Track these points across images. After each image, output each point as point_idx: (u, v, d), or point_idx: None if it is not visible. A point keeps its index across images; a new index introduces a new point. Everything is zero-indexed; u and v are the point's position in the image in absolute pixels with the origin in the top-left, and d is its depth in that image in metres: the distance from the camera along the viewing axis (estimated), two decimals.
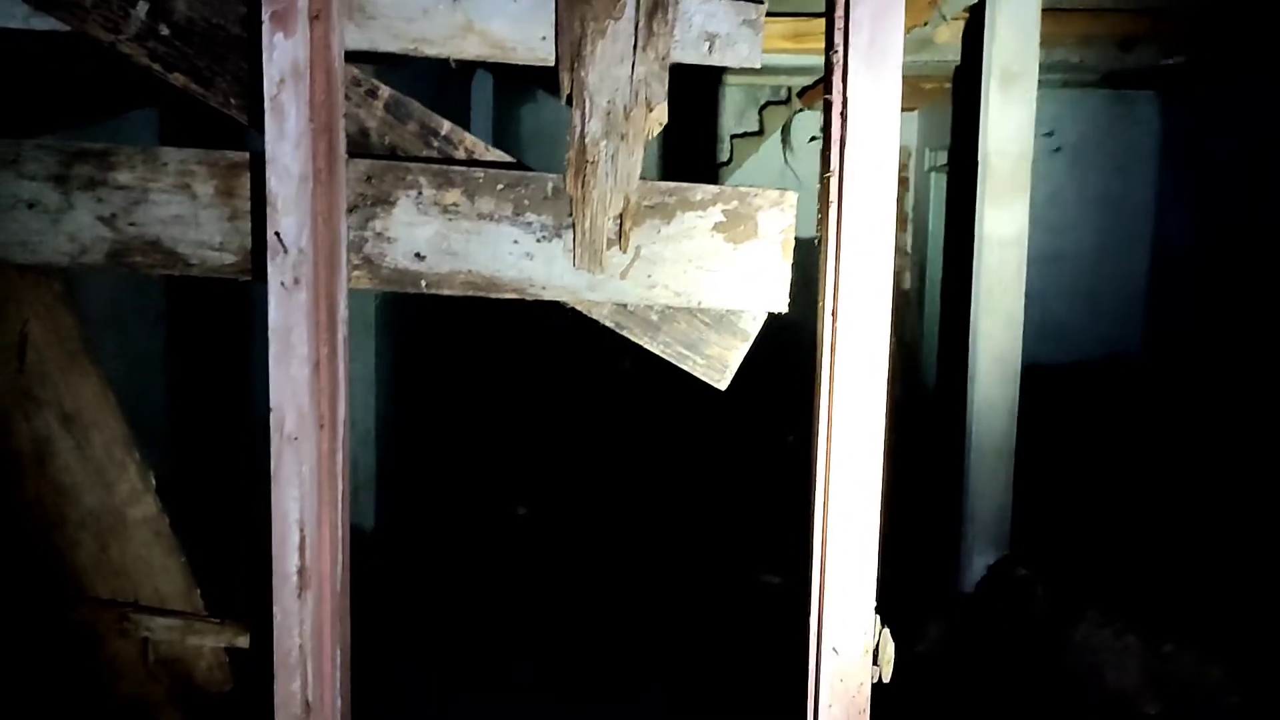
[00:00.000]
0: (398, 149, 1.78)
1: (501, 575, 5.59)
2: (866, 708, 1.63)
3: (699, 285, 1.77)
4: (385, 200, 1.73)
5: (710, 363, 1.85)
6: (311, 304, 1.63)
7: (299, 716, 1.68)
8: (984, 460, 5.11)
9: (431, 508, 6.52)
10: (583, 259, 1.74)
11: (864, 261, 1.56)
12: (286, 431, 1.64)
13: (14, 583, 2.01)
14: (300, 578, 1.66)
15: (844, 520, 1.59)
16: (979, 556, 5.15)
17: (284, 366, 1.63)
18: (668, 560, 5.87)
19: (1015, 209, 4.95)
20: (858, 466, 1.58)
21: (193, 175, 1.72)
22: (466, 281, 1.76)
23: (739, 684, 4.37)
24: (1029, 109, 4.90)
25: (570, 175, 1.72)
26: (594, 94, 1.68)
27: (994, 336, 5.03)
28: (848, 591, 1.61)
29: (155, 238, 1.74)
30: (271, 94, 1.58)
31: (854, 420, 1.58)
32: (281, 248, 1.61)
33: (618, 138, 1.70)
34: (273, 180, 1.60)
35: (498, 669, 4.46)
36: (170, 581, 2.00)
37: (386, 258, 1.74)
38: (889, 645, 1.63)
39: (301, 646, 1.67)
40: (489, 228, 1.74)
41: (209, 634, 1.97)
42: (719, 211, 1.74)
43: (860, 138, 1.54)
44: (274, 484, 1.65)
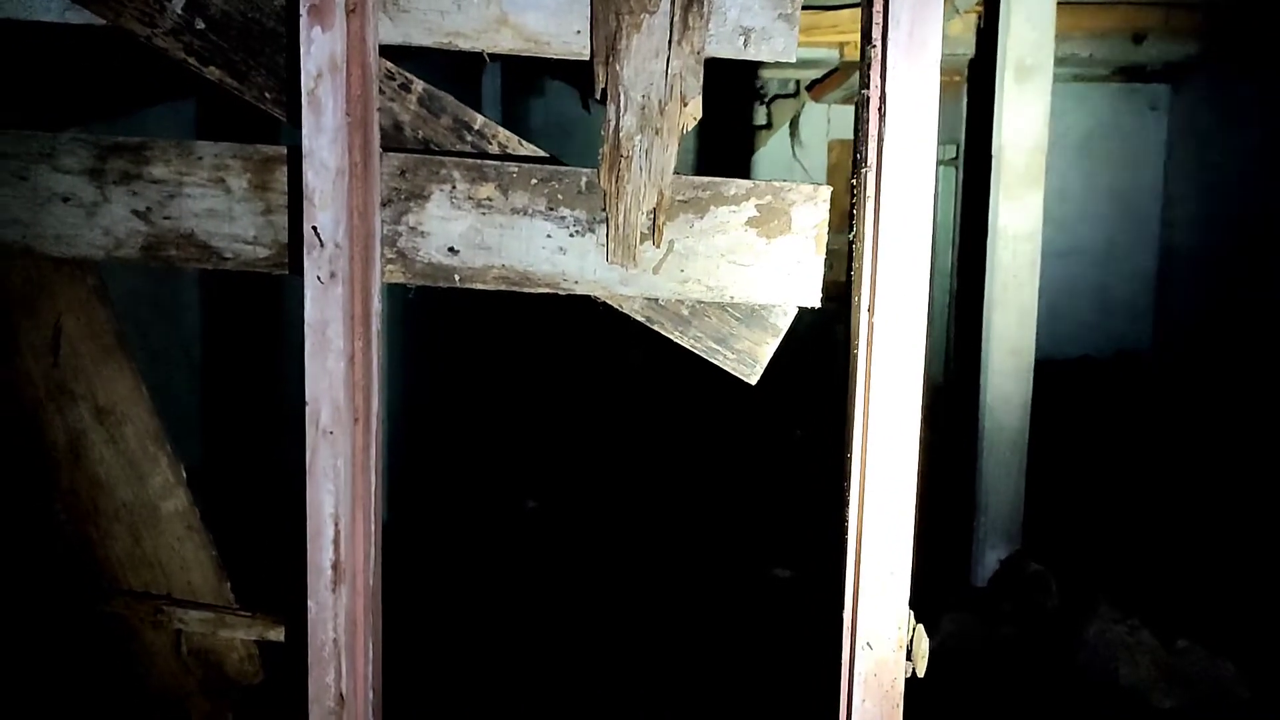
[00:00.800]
0: (431, 143, 1.78)
1: (511, 569, 5.60)
2: (900, 703, 1.63)
3: (731, 280, 1.77)
4: (419, 195, 1.73)
5: (740, 357, 1.85)
6: (347, 298, 1.63)
7: (333, 709, 1.68)
8: (997, 454, 5.12)
9: (442, 501, 6.53)
10: (616, 253, 1.74)
11: (902, 258, 1.55)
12: (322, 425, 1.65)
13: (51, 574, 2.01)
14: (335, 571, 1.67)
15: (879, 516, 1.60)
16: (991, 551, 5.15)
17: (320, 360, 1.63)
18: (678, 554, 5.87)
19: (1029, 203, 4.95)
20: (894, 464, 1.58)
21: (227, 169, 1.73)
22: (500, 276, 1.76)
23: (751, 678, 4.38)
24: (1044, 102, 4.90)
25: (604, 169, 1.72)
26: (629, 88, 1.68)
27: (1008, 330, 5.02)
28: (882, 587, 1.62)
29: (190, 231, 1.74)
30: (309, 88, 1.58)
31: (891, 418, 1.58)
32: (318, 242, 1.61)
33: (652, 132, 1.70)
34: (309, 174, 1.60)
35: (507, 665, 4.47)
36: (202, 574, 2.00)
37: (420, 252, 1.74)
38: (923, 640, 1.63)
39: (335, 640, 1.68)
40: (522, 222, 1.74)
41: (241, 627, 1.98)
42: (753, 206, 1.74)
43: (899, 133, 1.53)
44: (309, 478, 1.65)
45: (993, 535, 5.16)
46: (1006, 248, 5.00)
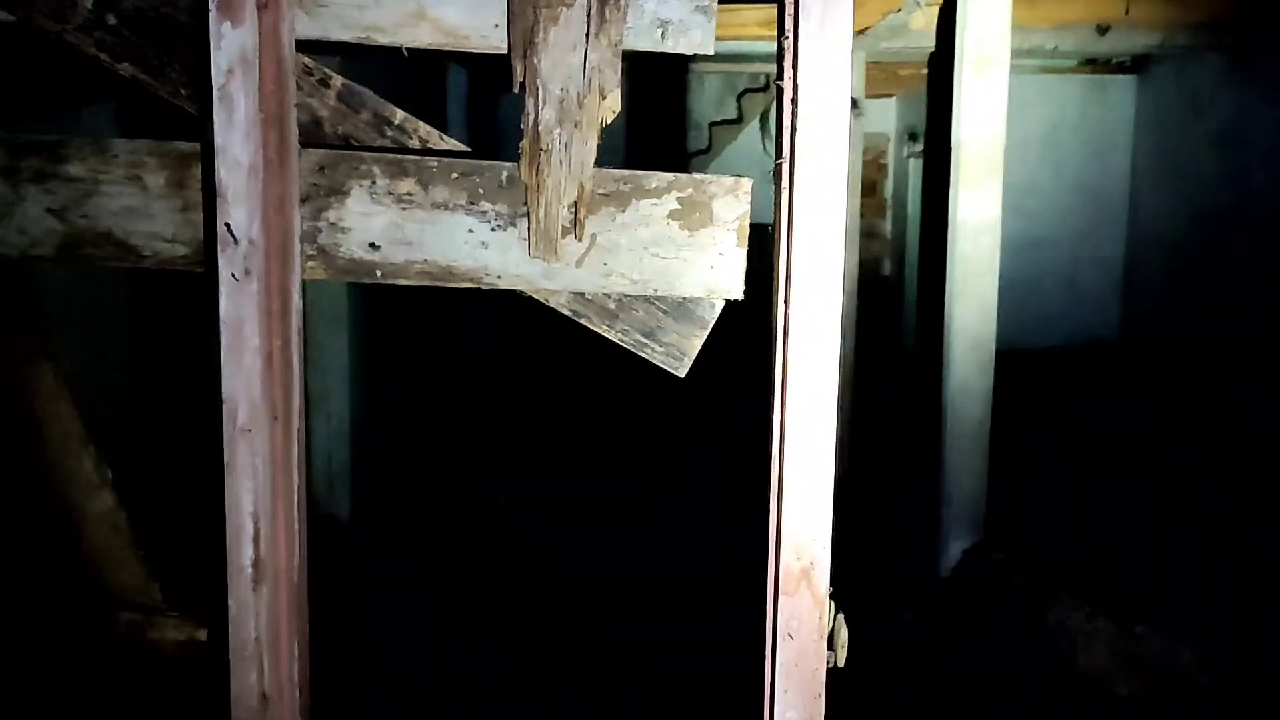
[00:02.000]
0: (351, 139, 1.77)
1: (480, 567, 5.59)
2: (822, 693, 1.64)
3: (655, 273, 1.76)
4: (339, 190, 1.72)
5: (669, 350, 1.85)
6: (263, 295, 1.62)
7: (256, 709, 1.68)
8: (960, 445, 5.14)
9: (409, 498, 6.51)
10: (538, 247, 1.74)
11: (815, 249, 1.56)
12: (239, 424, 1.64)
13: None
14: (255, 570, 1.66)
15: (797, 507, 1.60)
16: (955, 541, 5.18)
17: (235, 358, 1.62)
18: (650, 549, 5.88)
19: (989, 194, 4.97)
20: (811, 457, 1.59)
21: (144, 166, 1.71)
22: (422, 271, 1.75)
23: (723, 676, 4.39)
24: (1001, 94, 4.91)
25: (524, 163, 1.71)
26: (547, 81, 1.68)
27: (969, 321, 5.05)
28: (801, 578, 1.62)
29: (107, 230, 1.72)
30: (219, 84, 1.57)
31: (806, 412, 1.58)
32: (232, 239, 1.60)
33: (571, 125, 1.70)
34: (222, 171, 1.59)
35: (475, 666, 4.46)
36: (130, 575, 1.99)
37: (341, 248, 1.74)
38: (843, 631, 1.64)
39: (258, 639, 1.67)
40: (444, 217, 1.73)
41: (169, 628, 1.97)
42: (674, 199, 1.74)
43: (812, 125, 1.54)
44: (227, 476, 1.64)
45: (956, 526, 5.18)
46: (967, 239, 5.02)
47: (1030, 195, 8.85)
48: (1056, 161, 8.98)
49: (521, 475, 7.13)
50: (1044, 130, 8.93)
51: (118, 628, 1.95)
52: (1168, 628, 4.28)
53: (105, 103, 3.56)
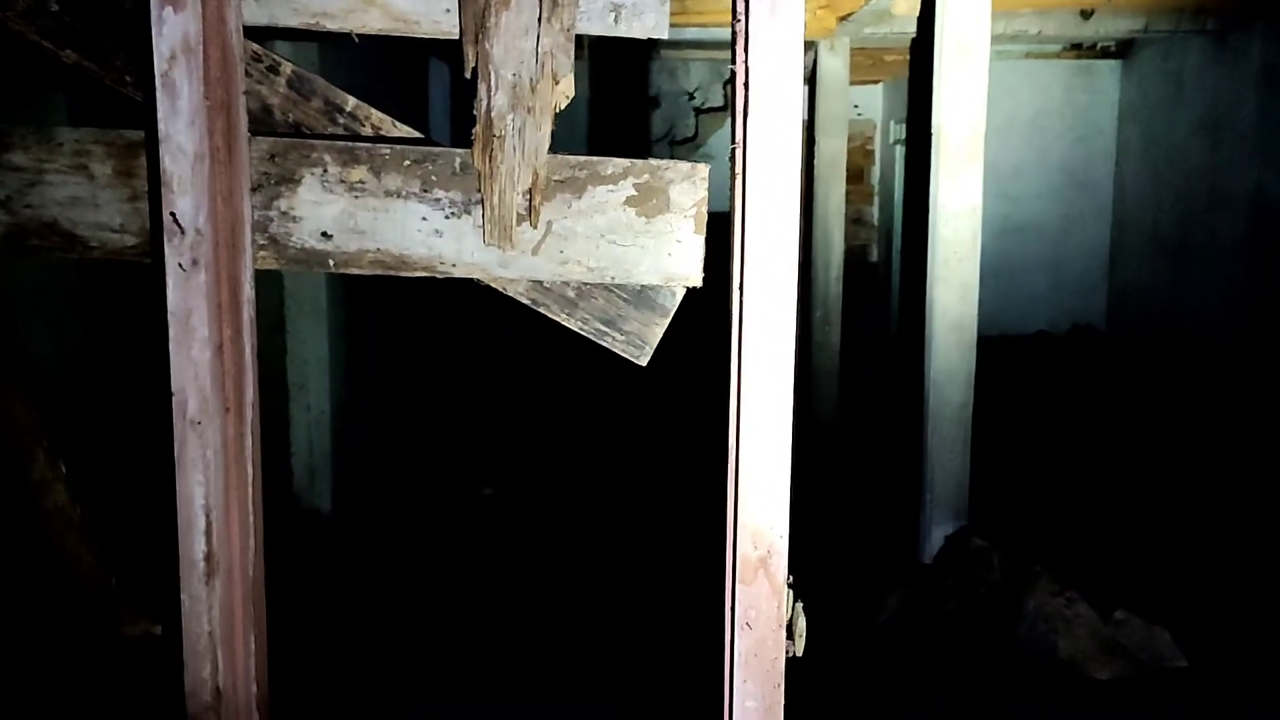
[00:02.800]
0: (302, 126, 1.74)
1: (466, 557, 5.57)
2: (781, 682, 1.62)
3: (613, 260, 1.75)
4: (290, 179, 1.69)
5: (629, 339, 1.83)
6: (212, 285, 1.60)
7: (209, 704, 1.66)
8: (941, 431, 5.13)
9: (393, 489, 6.49)
10: (492, 235, 1.71)
11: (769, 235, 1.54)
12: (189, 416, 1.61)
13: None
14: (208, 564, 1.64)
15: (754, 495, 1.58)
16: (937, 527, 5.17)
17: (184, 350, 1.60)
18: (635, 538, 5.87)
19: (969, 180, 4.94)
20: (767, 445, 1.57)
21: (89, 155, 1.69)
22: (375, 260, 1.73)
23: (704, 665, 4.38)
24: (982, 80, 4.89)
25: (478, 150, 1.69)
26: (499, 67, 1.66)
27: (950, 306, 5.03)
28: (759, 567, 1.61)
29: (53, 220, 1.70)
30: (162, 70, 1.55)
31: (762, 398, 1.56)
32: (178, 229, 1.58)
33: (524, 111, 1.67)
34: (166, 160, 1.57)
35: (459, 658, 4.45)
36: (85, 570, 1.97)
37: (293, 237, 1.71)
38: (801, 619, 1.62)
39: (211, 633, 1.65)
40: (396, 205, 1.71)
41: (125, 622, 1.95)
42: (630, 185, 1.72)
43: (762, 109, 1.51)
44: (178, 470, 1.62)
45: (939, 512, 5.17)
46: (947, 224, 5.00)
47: (1015, 180, 8.84)
48: (1041, 147, 8.97)
49: (506, 464, 7.12)
50: (1028, 115, 8.92)
51: (72, 623, 1.93)
52: (1147, 611, 4.28)
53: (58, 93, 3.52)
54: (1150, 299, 8.07)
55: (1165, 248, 7.86)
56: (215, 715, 1.67)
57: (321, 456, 5.54)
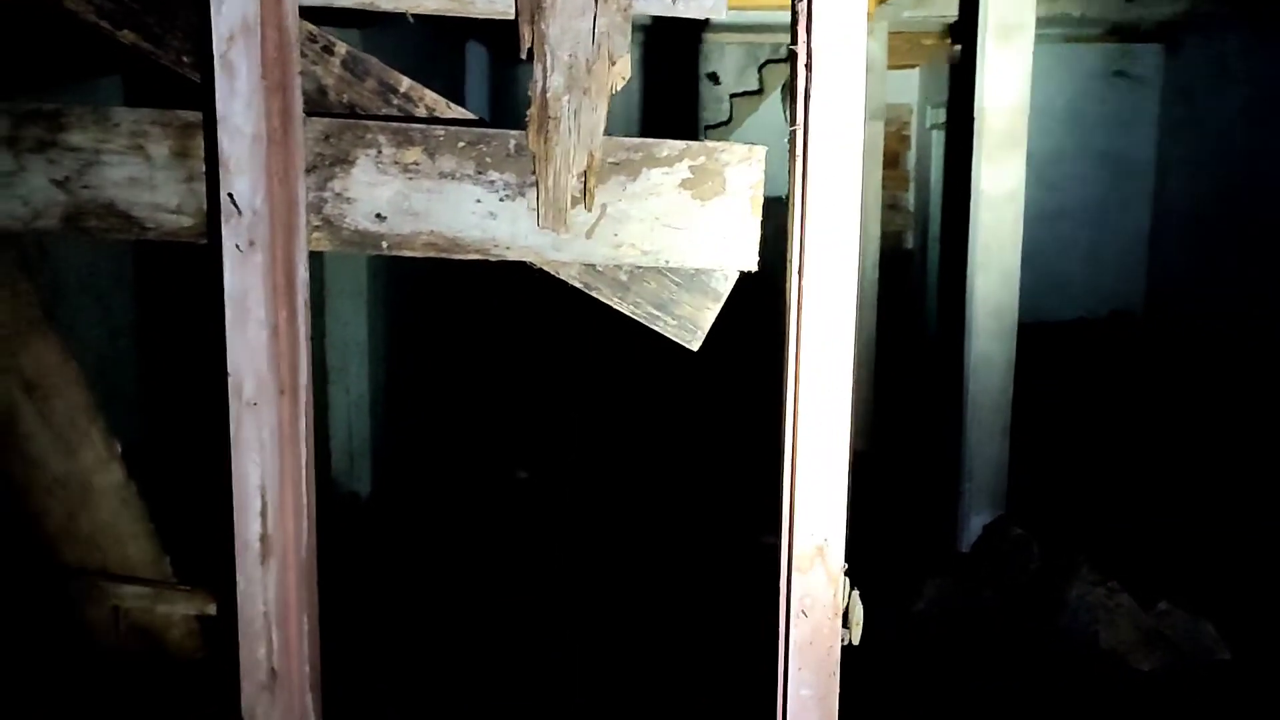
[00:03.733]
0: (356, 107, 1.74)
1: (501, 540, 5.59)
2: (836, 670, 1.61)
3: (667, 244, 1.73)
4: (344, 160, 1.69)
5: (681, 323, 1.81)
6: (268, 267, 1.60)
7: (264, 683, 1.67)
8: (981, 418, 5.09)
9: (430, 472, 6.52)
10: (546, 218, 1.70)
11: (830, 219, 1.52)
12: (245, 397, 1.62)
13: None
14: (263, 545, 1.64)
15: (811, 483, 1.57)
16: (976, 516, 5.14)
17: (240, 331, 1.60)
18: (670, 523, 5.86)
19: (1011, 165, 4.89)
20: (825, 432, 1.55)
21: (146, 136, 1.69)
22: (428, 243, 1.72)
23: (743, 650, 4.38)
24: (1025, 63, 4.82)
25: (532, 132, 1.68)
26: (555, 47, 1.64)
27: (990, 293, 4.99)
28: (816, 555, 1.59)
29: (110, 201, 1.70)
30: (221, 51, 1.54)
31: (821, 385, 1.55)
32: (235, 210, 1.58)
33: (580, 92, 1.66)
34: (224, 140, 1.56)
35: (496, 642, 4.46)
36: (139, 549, 1.98)
37: (346, 219, 1.71)
38: (858, 608, 1.61)
39: (266, 613, 1.66)
40: (450, 187, 1.70)
41: (178, 602, 1.96)
42: (685, 167, 1.70)
43: (826, 90, 1.49)
44: (233, 451, 1.62)
45: (977, 500, 5.14)
46: (989, 210, 4.95)
47: (1053, 166, 8.73)
48: (1081, 132, 8.85)
49: (542, 447, 7.13)
50: (1068, 100, 8.80)
51: (125, 601, 1.94)
52: (1191, 602, 4.24)
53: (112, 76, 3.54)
54: (1191, 285, 7.96)
55: (1207, 234, 7.74)
56: (270, 695, 1.67)
57: (360, 440, 5.57)
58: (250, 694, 1.68)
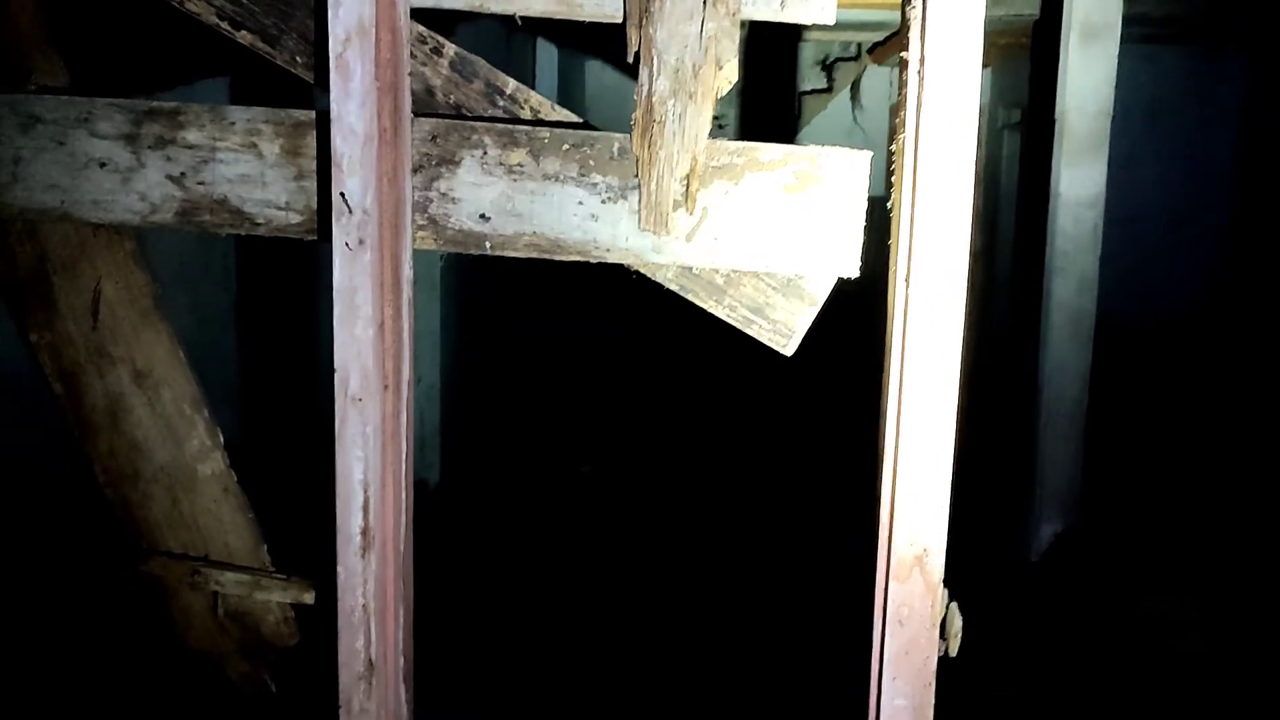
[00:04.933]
0: (463, 108, 1.76)
1: (564, 534, 5.62)
2: (932, 681, 1.60)
3: (766, 248, 1.73)
4: (450, 160, 1.71)
5: (776, 328, 1.81)
6: (376, 265, 1.62)
7: (362, 674, 1.70)
8: (1054, 426, 5.02)
9: (496, 464, 6.57)
10: (648, 221, 1.71)
11: (941, 227, 1.51)
12: (351, 392, 1.64)
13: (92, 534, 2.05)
14: (364, 538, 1.67)
15: (913, 492, 1.56)
16: (1047, 524, 5.06)
17: (348, 327, 1.63)
18: (731, 522, 5.86)
19: (1092, 169, 4.82)
20: (929, 437, 1.54)
21: (259, 134, 1.72)
22: (530, 243, 1.74)
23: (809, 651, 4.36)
24: (1110, 65, 4.74)
25: (637, 135, 1.68)
26: (662, 51, 1.64)
27: (1067, 298, 4.91)
28: (914, 565, 1.58)
29: (223, 197, 1.74)
30: (337, 52, 1.57)
31: (926, 396, 1.54)
32: (346, 208, 1.61)
33: (686, 96, 1.66)
34: (338, 139, 1.59)
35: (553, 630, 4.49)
36: (239, 537, 2.03)
37: (451, 219, 1.73)
38: (957, 619, 1.60)
39: (365, 605, 1.69)
40: (554, 188, 1.72)
41: (276, 590, 2.00)
42: (789, 172, 1.70)
43: (939, 97, 1.48)
44: (338, 445, 1.65)
45: (1049, 508, 5.06)
46: (1068, 214, 4.88)
47: (1129, 169, 8.55)
48: (1159, 134, 8.66)
49: (606, 443, 7.15)
50: (1146, 102, 8.62)
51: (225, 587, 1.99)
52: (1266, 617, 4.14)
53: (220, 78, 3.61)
54: (1271, 291, 7.78)
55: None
56: (367, 686, 1.70)
57: (431, 428, 5.63)
58: (348, 684, 1.71)
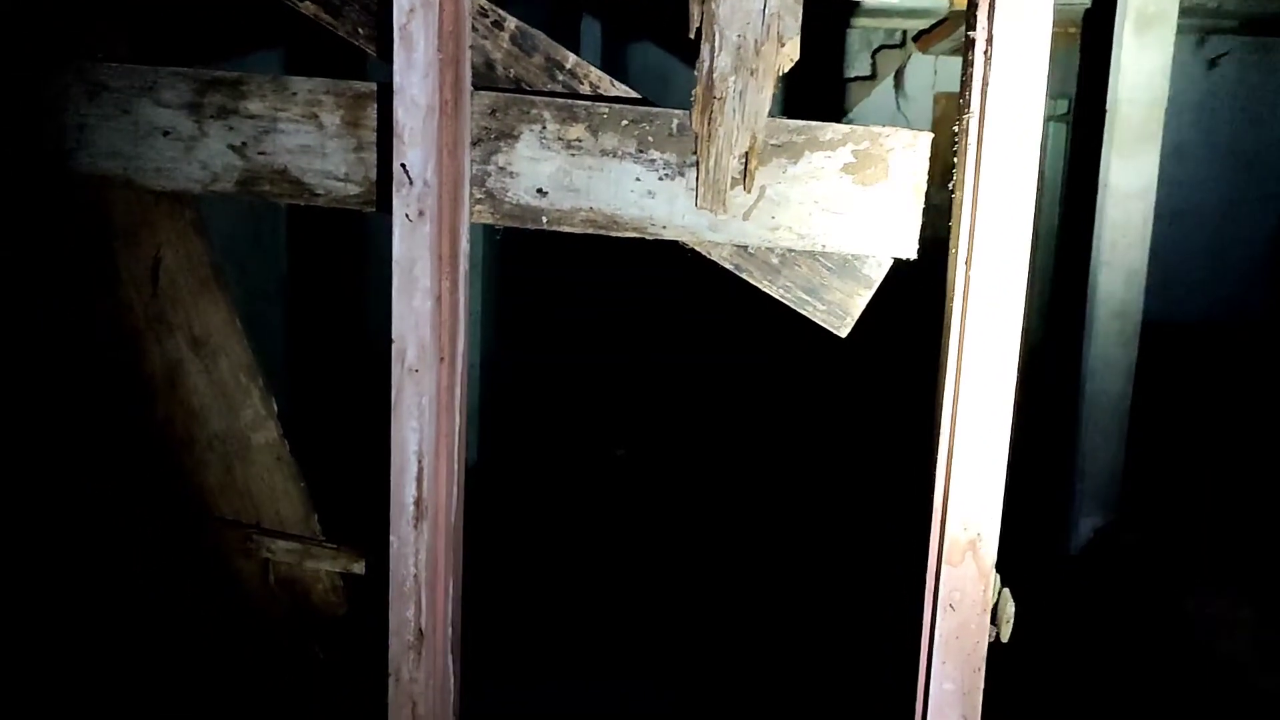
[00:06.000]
0: (522, 82, 1.76)
1: (598, 514, 5.64)
2: (982, 666, 1.59)
3: (824, 228, 1.72)
4: (509, 134, 1.71)
5: (831, 309, 1.80)
6: (435, 237, 1.63)
7: (412, 643, 1.71)
8: (1097, 420, 4.96)
9: (532, 445, 6.60)
10: (706, 198, 1.70)
11: (1004, 209, 1.49)
12: (408, 364, 1.65)
13: (149, 499, 2.08)
14: (417, 508, 1.68)
15: (968, 476, 1.55)
16: (1087, 519, 5.02)
17: (407, 299, 1.63)
18: (767, 506, 5.85)
19: (1143, 160, 4.75)
20: (986, 429, 1.53)
21: (320, 105, 1.73)
22: (587, 219, 1.74)
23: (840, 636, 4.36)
24: (1164, 54, 4.67)
25: (696, 112, 1.68)
26: (724, 27, 1.64)
27: (1114, 292, 4.85)
28: (967, 548, 1.57)
29: (283, 167, 1.75)
30: (401, 23, 1.57)
31: (984, 382, 1.52)
32: (407, 179, 1.61)
33: (747, 73, 1.65)
34: (400, 111, 1.60)
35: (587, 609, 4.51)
36: (290, 506, 2.05)
37: (509, 193, 1.73)
38: (1009, 605, 1.59)
39: (416, 575, 1.70)
40: (611, 164, 1.71)
41: (326, 559, 2.02)
42: (849, 152, 1.69)
43: (1006, 77, 1.46)
44: (394, 415, 1.66)
45: (1090, 503, 5.02)
46: (1117, 206, 4.81)
47: (1177, 163, 8.42)
48: (1209, 128, 8.52)
49: (641, 427, 7.16)
50: (1197, 95, 8.48)
51: (276, 555, 2.01)
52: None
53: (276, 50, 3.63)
54: None
55: None
56: (416, 655, 1.72)
57: (471, 409, 5.66)
58: (397, 652, 1.72)
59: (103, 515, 2.04)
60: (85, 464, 2.02)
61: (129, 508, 2.03)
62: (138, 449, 2.02)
